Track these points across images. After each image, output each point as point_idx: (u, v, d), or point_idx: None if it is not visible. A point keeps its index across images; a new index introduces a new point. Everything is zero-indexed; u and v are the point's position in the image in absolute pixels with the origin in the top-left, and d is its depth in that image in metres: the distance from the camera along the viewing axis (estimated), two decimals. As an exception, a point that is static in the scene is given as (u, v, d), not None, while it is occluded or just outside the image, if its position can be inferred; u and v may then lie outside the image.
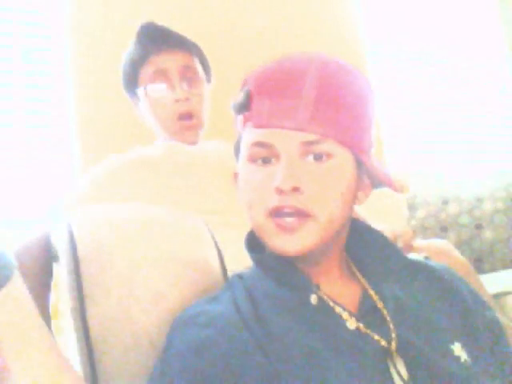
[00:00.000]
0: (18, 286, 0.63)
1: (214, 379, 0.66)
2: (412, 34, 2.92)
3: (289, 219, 0.71)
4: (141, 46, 1.39)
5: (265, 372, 0.66)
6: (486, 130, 2.96)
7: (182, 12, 2.25)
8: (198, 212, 1.07)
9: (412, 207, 2.33)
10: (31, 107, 2.03)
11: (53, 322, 1.21)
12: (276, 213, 0.72)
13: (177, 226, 0.98)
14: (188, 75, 1.37)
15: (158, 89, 1.36)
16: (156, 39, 1.38)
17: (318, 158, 0.73)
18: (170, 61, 1.36)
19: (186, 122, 1.35)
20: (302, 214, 0.71)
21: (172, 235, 0.96)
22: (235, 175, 0.82)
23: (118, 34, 2.15)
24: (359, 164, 0.77)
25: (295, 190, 0.71)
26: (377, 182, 0.80)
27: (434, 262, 0.89)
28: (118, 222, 0.94)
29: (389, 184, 0.77)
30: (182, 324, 0.73)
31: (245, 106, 0.76)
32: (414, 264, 0.86)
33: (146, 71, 1.37)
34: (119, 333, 0.83)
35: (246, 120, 0.77)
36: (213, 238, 0.99)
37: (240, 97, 0.77)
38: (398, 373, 0.69)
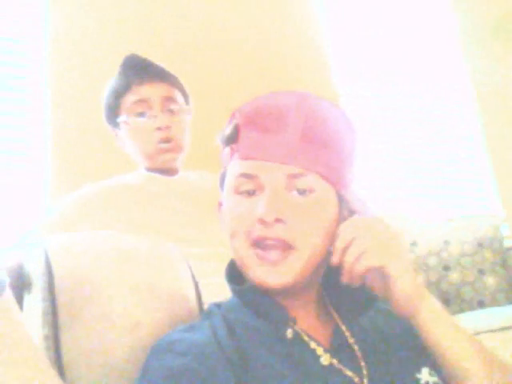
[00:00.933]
0: (10, 301, 0.64)
1: None
2: (382, 72, 3.01)
3: (272, 253, 0.72)
4: (124, 77, 1.41)
5: None
6: (456, 174, 3.03)
7: (162, 44, 2.28)
8: (174, 241, 1.07)
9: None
10: (5, 133, 2.02)
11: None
12: (258, 243, 0.73)
13: (153, 256, 0.99)
14: (169, 106, 1.40)
15: (140, 118, 1.37)
16: (139, 70, 1.41)
17: (302, 192, 0.74)
18: (152, 91, 1.39)
19: (165, 144, 1.37)
20: (285, 246, 0.72)
21: (148, 264, 0.96)
22: (219, 204, 0.83)
23: (95, 60, 2.18)
24: (341, 198, 0.78)
25: (278, 221, 0.72)
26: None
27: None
28: (94, 251, 0.94)
29: (367, 212, 0.80)
30: (159, 351, 0.73)
31: (232, 138, 0.79)
32: (384, 311, 0.87)
33: (128, 100, 1.39)
34: (91, 361, 0.83)
35: (232, 152, 0.79)
36: (189, 267, 0.99)
37: (228, 129, 0.79)
38: None
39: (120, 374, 0.83)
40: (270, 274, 0.72)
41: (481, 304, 2.20)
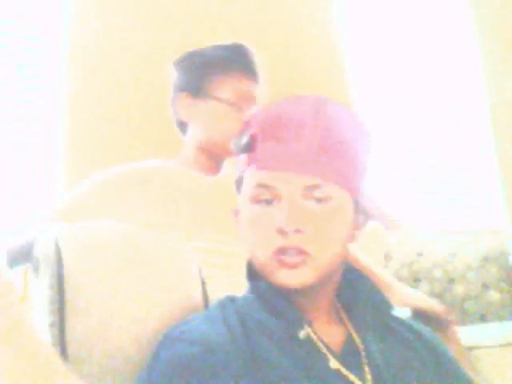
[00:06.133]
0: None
1: None
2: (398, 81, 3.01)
3: (291, 258, 0.74)
4: None
5: None
6: (465, 188, 3.03)
7: (178, 32, 2.28)
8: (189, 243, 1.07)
9: (387, 257, 2.36)
10: (19, 118, 2.03)
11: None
12: (280, 253, 0.74)
13: (161, 251, 0.99)
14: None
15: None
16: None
17: (319, 201, 0.76)
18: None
19: None
20: (303, 253, 0.74)
21: (155, 260, 0.97)
22: (235, 213, 0.84)
23: (112, 50, 2.18)
24: (356, 204, 0.80)
25: (297, 231, 0.73)
26: (369, 218, 0.83)
27: (420, 325, 0.91)
28: (104, 243, 0.94)
29: (382, 221, 0.81)
30: (170, 339, 0.74)
31: (248, 147, 0.80)
32: (400, 321, 0.88)
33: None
34: (96, 351, 0.83)
35: (249, 161, 0.79)
36: (198, 267, 1.00)
37: (244, 138, 0.80)
38: None
39: (125, 365, 0.84)
40: (290, 276, 0.74)
41: (483, 318, 2.20)
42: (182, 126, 1.41)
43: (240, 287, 0.89)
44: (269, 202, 0.77)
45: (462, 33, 3.22)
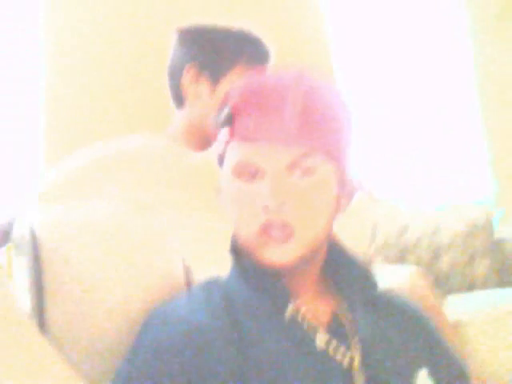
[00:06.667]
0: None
1: (185, 376, 0.67)
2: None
3: (275, 234, 0.72)
4: None
5: (235, 372, 0.68)
6: (451, 160, 3.03)
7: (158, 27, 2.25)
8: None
9: (373, 230, 2.36)
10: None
11: None
12: (265, 229, 0.72)
13: (143, 233, 0.97)
14: None
15: None
16: None
17: (304, 173, 0.73)
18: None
19: None
20: (288, 229, 0.72)
21: (137, 242, 0.94)
22: (217, 190, 0.82)
23: (90, 34, 2.14)
24: (341, 177, 0.78)
25: (282, 207, 0.71)
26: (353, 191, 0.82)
27: (406, 303, 0.90)
28: (83, 225, 0.92)
29: (362, 189, 0.80)
30: (152, 323, 0.73)
31: (229, 120, 0.76)
32: (387, 298, 0.88)
33: None
34: (76, 335, 0.82)
35: (231, 134, 0.76)
36: (180, 250, 0.98)
37: (225, 111, 0.77)
38: None
39: (108, 350, 0.82)
40: (275, 253, 0.72)
41: (469, 288, 2.23)
42: (179, 99, 1.36)
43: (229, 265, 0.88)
44: (252, 177, 0.74)
45: (448, 9, 3.19)
